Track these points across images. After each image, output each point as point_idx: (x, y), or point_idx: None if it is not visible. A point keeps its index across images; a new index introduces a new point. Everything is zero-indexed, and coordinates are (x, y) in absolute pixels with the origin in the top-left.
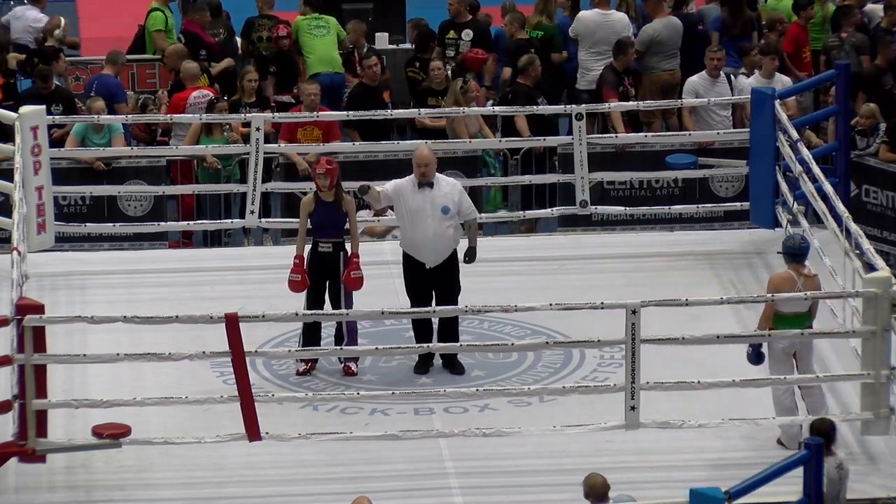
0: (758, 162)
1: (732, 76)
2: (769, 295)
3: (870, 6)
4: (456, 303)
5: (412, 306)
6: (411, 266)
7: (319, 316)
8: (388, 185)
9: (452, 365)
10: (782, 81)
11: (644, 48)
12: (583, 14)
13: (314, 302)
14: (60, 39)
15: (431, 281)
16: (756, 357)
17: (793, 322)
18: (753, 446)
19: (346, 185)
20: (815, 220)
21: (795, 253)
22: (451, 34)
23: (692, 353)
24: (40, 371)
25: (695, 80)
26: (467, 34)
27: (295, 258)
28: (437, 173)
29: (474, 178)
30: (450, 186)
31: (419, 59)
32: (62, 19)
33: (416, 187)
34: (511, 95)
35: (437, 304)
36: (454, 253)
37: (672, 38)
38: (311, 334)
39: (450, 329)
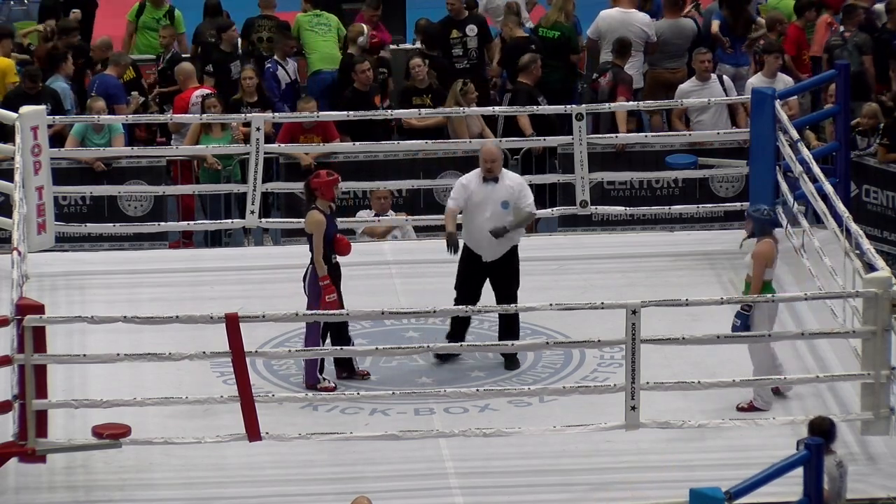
0: (758, 162)
1: (725, 76)
2: (769, 296)
3: (877, 6)
4: (515, 298)
5: (457, 299)
6: (468, 259)
7: (320, 316)
8: (457, 186)
9: (511, 362)
10: (784, 81)
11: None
12: (605, 13)
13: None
14: (363, 48)
15: (487, 275)
16: (744, 328)
17: (769, 287)
18: (754, 446)
19: (348, 185)
20: (816, 220)
21: (770, 222)
22: (455, 33)
23: (692, 353)
24: (40, 371)
25: (684, 86)
26: (472, 29)
27: (322, 280)
28: (504, 169)
29: None
30: (513, 181)
31: (424, 54)
32: (364, 27)
33: (482, 181)
34: (511, 95)
35: (496, 299)
36: (514, 249)
37: (677, 40)
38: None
39: (511, 328)
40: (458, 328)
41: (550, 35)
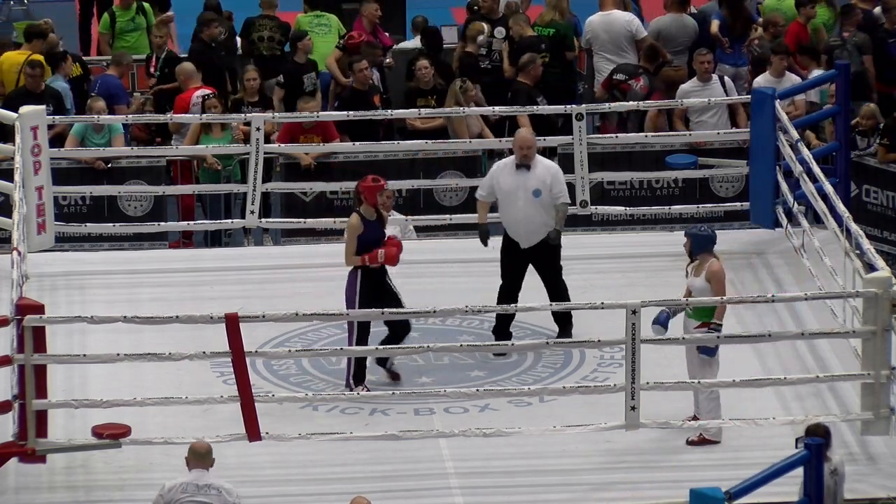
0: (758, 162)
1: (726, 77)
2: (770, 295)
3: (877, 9)
4: (559, 280)
5: (503, 283)
6: (507, 244)
7: (319, 317)
8: (488, 174)
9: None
10: (792, 81)
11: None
12: (590, 19)
13: (363, 328)
14: (482, 45)
15: (528, 259)
16: (708, 352)
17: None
18: (754, 446)
19: (348, 185)
20: (816, 220)
21: (715, 241)
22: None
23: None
24: (40, 371)
25: (685, 87)
26: (500, 31)
27: (365, 258)
28: (538, 156)
29: (474, 177)
30: (545, 169)
31: (425, 54)
32: (485, 25)
33: (514, 169)
34: (511, 94)
35: (544, 282)
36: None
37: (679, 36)
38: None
39: (557, 292)
40: (503, 322)
41: (546, 33)
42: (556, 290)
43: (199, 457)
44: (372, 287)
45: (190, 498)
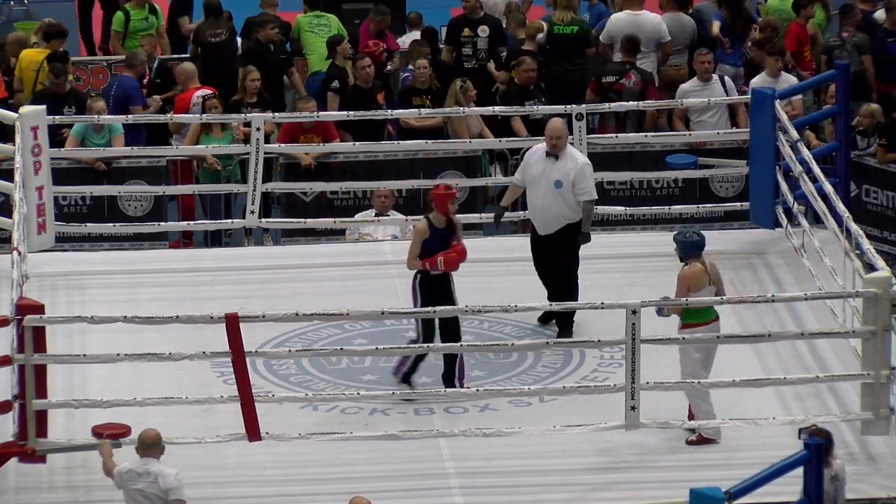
0: (758, 162)
1: (727, 77)
2: (770, 295)
3: (877, 13)
4: (572, 274)
5: (537, 272)
6: (532, 231)
7: (320, 317)
8: (524, 156)
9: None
10: (788, 81)
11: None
12: (614, 16)
13: (427, 327)
14: (541, 45)
15: (547, 247)
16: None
17: (712, 312)
18: (753, 446)
19: (348, 185)
20: (815, 220)
21: (701, 246)
22: (467, 31)
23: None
24: (40, 371)
25: (685, 87)
26: (483, 30)
27: (425, 263)
28: (571, 148)
29: (474, 177)
30: (572, 162)
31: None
32: (543, 24)
33: (544, 156)
34: (502, 94)
35: (556, 270)
36: (570, 227)
37: (678, 35)
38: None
39: (566, 287)
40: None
41: (568, 31)
42: (567, 289)
43: (145, 447)
44: (432, 291)
45: (131, 485)
